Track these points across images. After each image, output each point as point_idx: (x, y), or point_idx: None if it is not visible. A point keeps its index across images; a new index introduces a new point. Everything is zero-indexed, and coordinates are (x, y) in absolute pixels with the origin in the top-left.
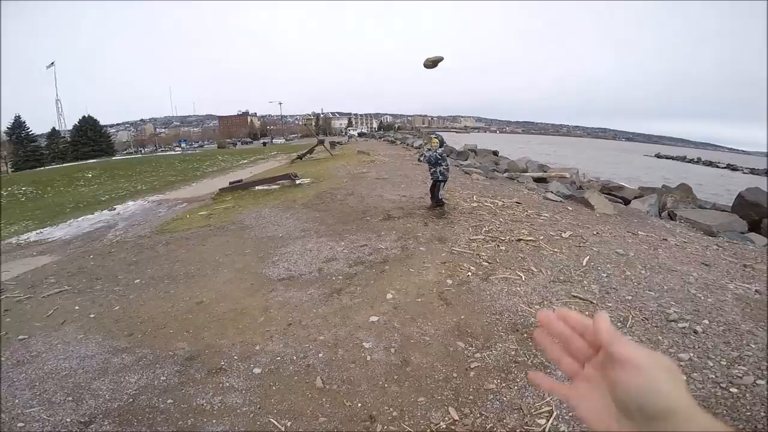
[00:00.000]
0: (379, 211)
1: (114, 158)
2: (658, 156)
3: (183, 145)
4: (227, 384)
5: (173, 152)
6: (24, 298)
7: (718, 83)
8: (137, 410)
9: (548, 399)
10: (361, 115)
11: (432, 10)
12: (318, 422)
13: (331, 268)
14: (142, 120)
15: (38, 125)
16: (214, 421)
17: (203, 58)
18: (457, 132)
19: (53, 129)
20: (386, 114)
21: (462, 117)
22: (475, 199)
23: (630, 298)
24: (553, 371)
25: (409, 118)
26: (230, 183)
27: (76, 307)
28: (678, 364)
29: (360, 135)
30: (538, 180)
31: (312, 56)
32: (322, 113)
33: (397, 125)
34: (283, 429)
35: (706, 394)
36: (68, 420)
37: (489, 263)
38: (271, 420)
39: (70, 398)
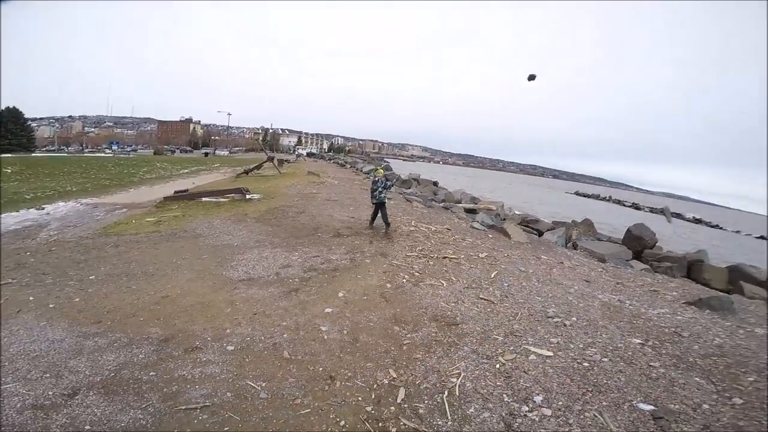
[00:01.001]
0: (330, 229)
1: (35, 154)
2: (578, 194)
3: (114, 147)
4: (204, 359)
5: (103, 154)
6: None
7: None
8: (122, 382)
9: (458, 365)
10: (311, 135)
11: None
12: (288, 382)
13: (287, 272)
14: (70, 117)
15: None
16: (197, 386)
17: (148, 59)
18: (404, 160)
19: None
20: (338, 136)
21: (410, 145)
22: (413, 224)
23: (522, 300)
24: (460, 347)
25: (360, 142)
26: (175, 192)
27: (31, 298)
28: (549, 345)
29: (309, 155)
30: (468, 211)
31: (266, 72)
32: (271, 128)
33: (347, 148)
34: (259, 388)
35: (565, 365)
36: (50, 393)
37: (419, 273)
38: (249, 383)
39: (48, 374)
